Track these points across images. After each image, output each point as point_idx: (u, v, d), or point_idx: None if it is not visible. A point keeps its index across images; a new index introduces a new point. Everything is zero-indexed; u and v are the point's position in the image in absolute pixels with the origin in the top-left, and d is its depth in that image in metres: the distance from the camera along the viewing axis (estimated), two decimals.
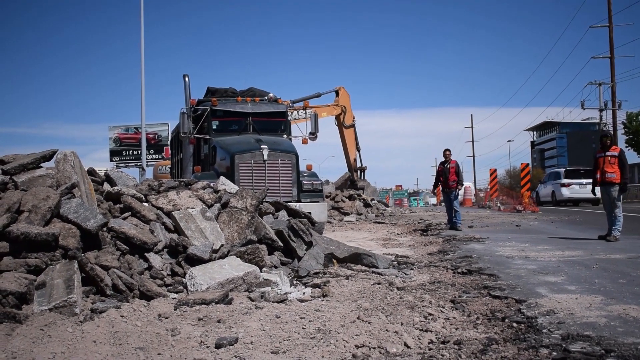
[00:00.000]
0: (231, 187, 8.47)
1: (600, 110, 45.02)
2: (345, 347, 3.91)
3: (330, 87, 27.02)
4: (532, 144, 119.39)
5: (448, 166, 14.68)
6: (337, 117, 27.41)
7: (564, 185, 28.87)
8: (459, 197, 15.68)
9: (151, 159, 41.48)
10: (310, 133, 16.70)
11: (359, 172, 28.74)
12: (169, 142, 30.76)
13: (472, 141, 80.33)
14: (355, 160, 28.20)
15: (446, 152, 14.98)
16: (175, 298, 5.27)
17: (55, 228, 5.33)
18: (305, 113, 17.70)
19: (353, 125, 27.73)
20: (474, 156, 79.48)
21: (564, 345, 3.70)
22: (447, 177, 14.58)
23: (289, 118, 17.86)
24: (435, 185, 15.53)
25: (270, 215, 8.27)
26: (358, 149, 28.36)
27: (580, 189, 27.49)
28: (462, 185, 15.10)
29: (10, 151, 6.64)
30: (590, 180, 12.83)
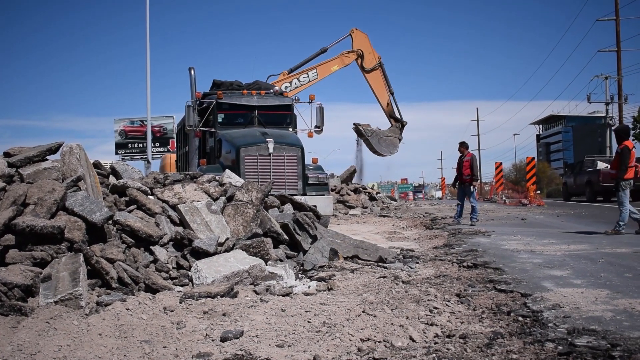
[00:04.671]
0: (237, 180, 8.47)
1: (607, 104, 44.85)
2: (350, 340, 3.91)
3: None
4: (538, 137, 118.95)
5: (463, 160, 14.26)
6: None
7: None
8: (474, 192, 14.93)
9: (157, 151, 41.50)
10: (316, 126, 16.69)
11: (400, 125, 25.62)
12: (174, 135, 30.77)
13: (478, 134, 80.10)
14: (389, 105, 25.43)
15: (460, 147, 14.55)
16: (180, 291, 5.28)
17: (61, 221, 5.34)
18: (311, 104, 17.37)
19: (377, 67, 25.12)
20: (479, 149, 79.17)
21: (569, 339, 3.69)
22: (461, 171, 14.26)
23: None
24: (455, 180, 14.78)
25: (276, 208, 8.27)
26: (392, 92, 25.43)
27: None
28: (477, 180, 14.42)
29: (21, 143, 6.66)
30: None
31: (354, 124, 25.58)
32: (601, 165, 25.84)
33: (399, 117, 25.59)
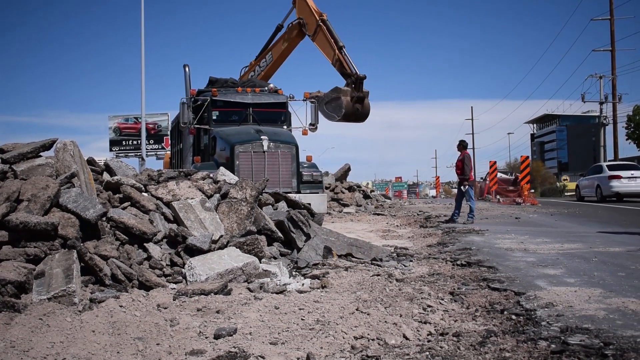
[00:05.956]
0: (231, 177, 8.46)
1: (601, 104, 44.99)
2: (344, 338, 3.91)
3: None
4: (532, 136, 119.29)
5: (457, 159, 14.31)
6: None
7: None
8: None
9: (151, 149, 41.47)
10: (310, 124, 16.70)
11: (354, 79, 18.09)
12: (168, 132, 30.72)
13: (472, 133, 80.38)
14: (338, 61, 18.85)
15: (457, 145, 14.60)
16: (174, 288, 5.27)
17: (55, 217, 5.32)
18: (306, 102, 17.09)
19: (317, 30, 19.69)
20: (474, 148, 79.44)
21: (562, 337, 3.70)
22: (456, 170, 14.31)
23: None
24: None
25: (270, 206, 8.26)
26: (339, 47, 18.80)
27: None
28: (465, 179, 13.98)
29: (14, 140, 6.66)
30: None
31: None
32: (500, 175, 35.58)
33: (351, 71, 18.70)
